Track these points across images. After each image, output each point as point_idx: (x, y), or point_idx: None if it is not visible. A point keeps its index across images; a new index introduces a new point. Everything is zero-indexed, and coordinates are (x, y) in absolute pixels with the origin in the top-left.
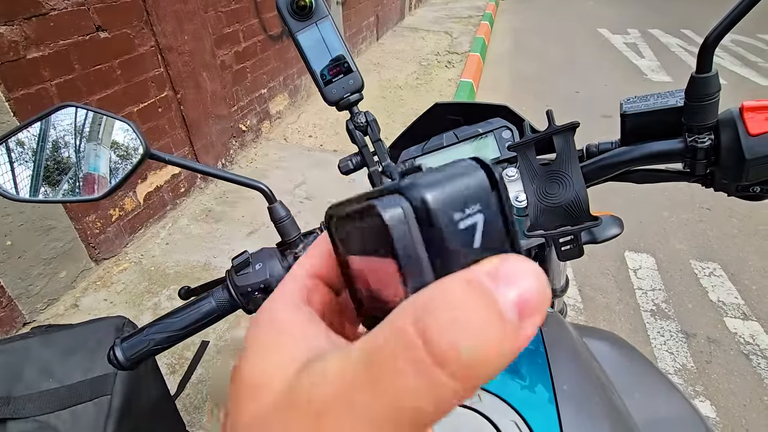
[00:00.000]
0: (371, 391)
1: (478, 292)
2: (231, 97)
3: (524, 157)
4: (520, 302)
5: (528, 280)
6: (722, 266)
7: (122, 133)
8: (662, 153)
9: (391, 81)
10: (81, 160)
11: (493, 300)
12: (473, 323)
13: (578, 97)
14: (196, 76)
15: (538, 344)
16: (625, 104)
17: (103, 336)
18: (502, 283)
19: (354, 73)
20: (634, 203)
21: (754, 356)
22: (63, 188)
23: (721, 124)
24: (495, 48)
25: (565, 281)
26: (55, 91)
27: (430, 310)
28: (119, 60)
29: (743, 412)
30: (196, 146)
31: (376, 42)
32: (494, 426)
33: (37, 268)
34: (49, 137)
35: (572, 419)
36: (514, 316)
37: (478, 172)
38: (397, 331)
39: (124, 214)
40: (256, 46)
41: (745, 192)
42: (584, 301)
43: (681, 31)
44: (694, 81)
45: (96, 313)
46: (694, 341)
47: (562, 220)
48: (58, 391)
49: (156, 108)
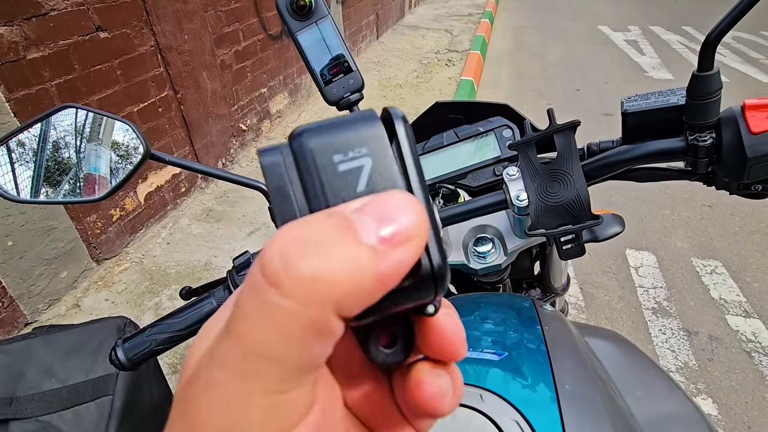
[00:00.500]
0: (227, 336)
1: (333, 220)
2: (231, 96)
3: (525, 156)
4: (386, 230)
5: (399, 211)
6: (724, 264)
7: (122, 133)
8: (663, 151)
9: (391, 80)
10: (81, 160)
11: (348, 225)
12: (319, 245)
13: (579, 95)
14: (196, 76)
15: (540, 343)
16: (626, 103)
17: (105, 336)
18: (368, 215)
19: (354, 72)
20: (636, 201)
21: (756, 354)
22: (64, 189)
23: (723, 123)
24: (495, 46)
25: (566, 280)
26: (56, 92)
27: (275, 240)
28: (119, 60)
29: (745, 409)
30: (196, 146)
31: (376, 40)
32: (496, 426)
33: (38, 268)
34: (50, 138)
35: (574, 419)
36: (373, 240)
37: (372, 119)
38: (248, 274)
39: (125, 214)
40: (255, 45)
41: (746, 190)
42: (585, 299)
43: (682, 28)
44: (695, 79)
45: (97, 314)
46: (695, 339)
47: (564, 219)
48: (60, 392)
49: (156, 108)
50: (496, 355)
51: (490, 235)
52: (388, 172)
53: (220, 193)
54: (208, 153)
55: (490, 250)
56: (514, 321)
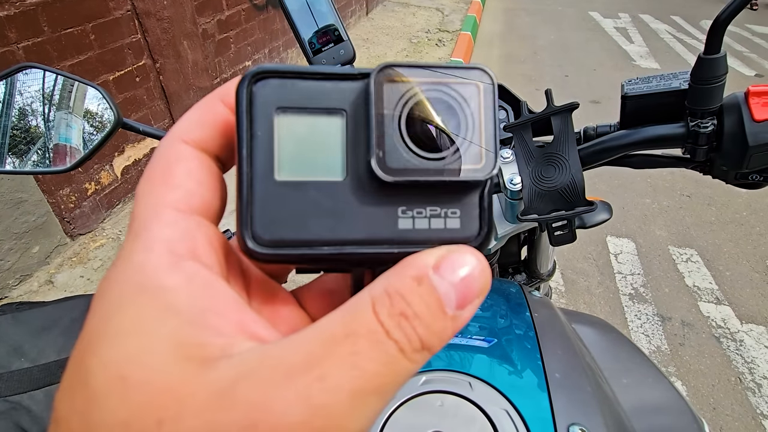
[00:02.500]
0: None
1: (426, 289)
2: (213, 68)
3: (520, 139)
4: (459, 294)
5: (468, 268)
6: (699, 252)
7: (92, 100)
8: (663, 137)
9: (380, 58)
10: (50, 128)
11: (437, 297)
12: (423, 318)
13: (568, 81)
14: (176, 45)
15: (529, 330)
16: (626, 86)
17: (79, 315)
18: (446, 275)
19: (345, 42)
20: (618, 189)
21: (724, 339)
22: (31, 159)
23: (725, 109)
24: (486, 28)
25: (552, 265)
26: (23, 55)
27: (390, 305)
28: (92, 24)
29: (712, 391)
30: (176, 119)
31: (365, 16)
32: (485, 414)
33: (7, 242)
34: (15, 104)
35: (564, 407)
36: (453, 308)
37: None
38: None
39: (101, 189)
40: (240, 15)
41: (743, 180)
42: (566, 284)
43: (670, 17)
44: (701, 62)
45: (72, 290)
46: (669, 324)
47: (557, 204)
48: (31, 371)
49: (133, 77)
50: (485, 342)
51: None
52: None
53: None
54: None
55: None
56: (503, 307)
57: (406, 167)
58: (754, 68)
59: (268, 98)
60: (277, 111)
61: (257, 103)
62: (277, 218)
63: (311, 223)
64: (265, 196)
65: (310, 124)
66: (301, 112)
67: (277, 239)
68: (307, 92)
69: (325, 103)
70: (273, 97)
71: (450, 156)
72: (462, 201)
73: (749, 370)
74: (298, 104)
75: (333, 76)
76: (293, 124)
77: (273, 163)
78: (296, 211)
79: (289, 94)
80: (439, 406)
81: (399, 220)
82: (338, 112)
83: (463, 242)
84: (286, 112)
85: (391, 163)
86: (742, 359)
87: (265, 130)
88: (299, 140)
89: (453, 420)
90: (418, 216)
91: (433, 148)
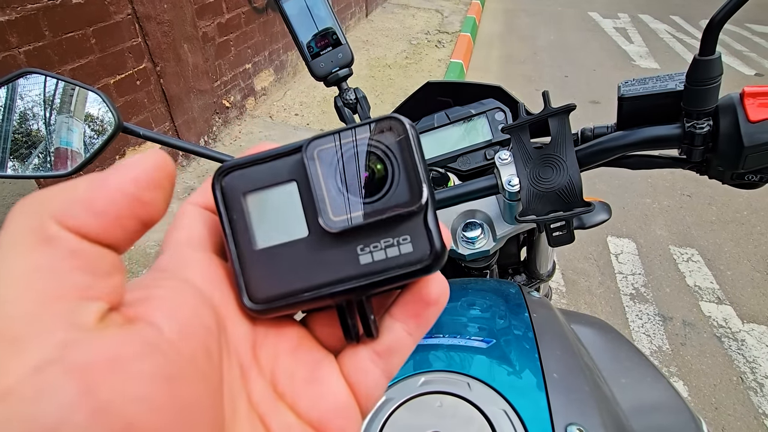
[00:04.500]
0: None
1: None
2: (214, 71)
3: (518, 140)
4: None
5: (142, 161)
6: (700, 252)
7: (95, 105)
8: (659, 138)
9: (380, 59)
10: (51, 132)
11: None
12: None
13: (567, 81)
14: (177, 48)
15: (527, 330)
16: (623, 87)
17: None
18: None
19: (343, 46)
20: (618, 189)
21: (725, 339)
22: (33, 163)
23: (721, 110)
24: (486, 28)
25: (552, 266)
26: (24, 59)
27: None
28: (93, 28)
29: (713, 391)
30: (177, 122)
31: (365, 18)
32: (484, 415)
33: None
34: (16, 108)
35: (562, 407)
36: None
37: None
38: None
39: None
40: (240, 17)
41: (740, 180)
42: (567, 285)
43: (670, 17)
44: (696, 63)
45: None
46: (670, 324)
47: (555, 205)
48: None
49: (134, 80)
50: (483, 343)
51: (479, 220)
52: None
53: (202, 171)
54: (189, 130)
55: (479, 235)
56: (502, 308)
57: (351, 215)
58: (753, 67)
59: (236, 187)
60: (243, 195)
61: (228, 194)
62: (264, 280)
63: (290, 277)
64: (250, 264)
65: (272, 197)
66: (263, 190)
67: (267, 296)
68: (263, 173)
69: (279, 178)
70: (239, 185)
71: (385, 195)
72: (409, 227)
73: (751, 370)
74: (258, 185)
75: (279, 155)
76: (259, 201)
77: (251, 236)
78: (277, 270)
79: (249, 179)
80: (437, 406)
81: (359, 257)
82: (290, 182)
83: (418, 263)
84: (251, 193)
85: (336, 214)
86: (744, 359)
87: (239, 212)
88: (267, 212)
89: (451, 420)
90: (374, 249)
91: (370, 192)
